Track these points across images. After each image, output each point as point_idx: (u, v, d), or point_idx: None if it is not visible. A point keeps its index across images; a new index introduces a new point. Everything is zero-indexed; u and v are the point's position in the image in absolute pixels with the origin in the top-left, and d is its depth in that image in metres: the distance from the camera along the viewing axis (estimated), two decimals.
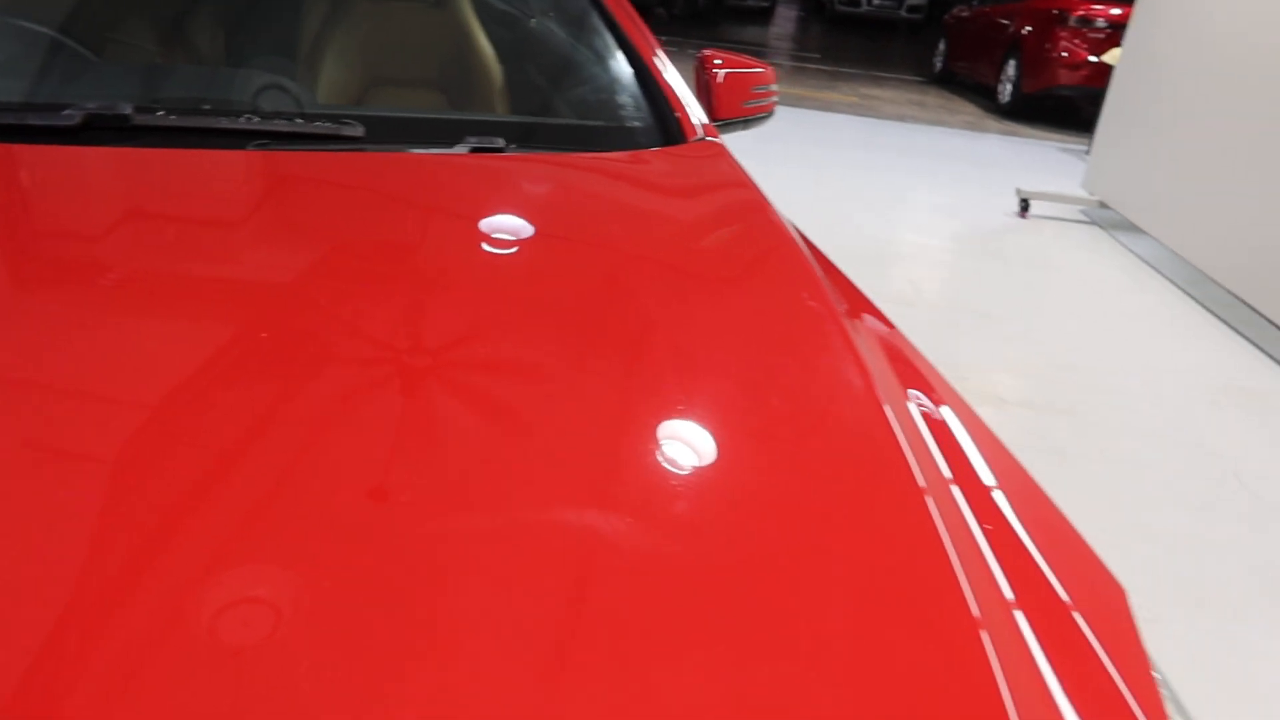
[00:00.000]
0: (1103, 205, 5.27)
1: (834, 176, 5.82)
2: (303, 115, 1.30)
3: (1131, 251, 4.84)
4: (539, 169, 1.27)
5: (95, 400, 0.70)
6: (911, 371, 1.07)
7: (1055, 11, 8.54)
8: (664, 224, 1.17)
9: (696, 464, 0.73)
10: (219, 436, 0.67)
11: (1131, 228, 5.02)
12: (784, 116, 7.62)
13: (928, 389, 1.04)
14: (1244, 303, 3.77)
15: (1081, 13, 8.38)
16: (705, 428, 0.78)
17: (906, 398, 0.96)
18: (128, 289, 0.84)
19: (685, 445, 0.76)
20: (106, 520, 0.59)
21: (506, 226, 1.08)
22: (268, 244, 0.96)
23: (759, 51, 12.84)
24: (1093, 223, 5.36)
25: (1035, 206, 5.44)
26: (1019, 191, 5.37)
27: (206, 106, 1.32)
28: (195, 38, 1.65)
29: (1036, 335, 3.52)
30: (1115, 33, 7.91)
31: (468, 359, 0.83)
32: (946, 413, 0.99)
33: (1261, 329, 3.74)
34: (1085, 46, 8.32)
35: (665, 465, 0.72)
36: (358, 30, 1.71)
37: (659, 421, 0.78)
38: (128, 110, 1.15)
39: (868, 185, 5.69)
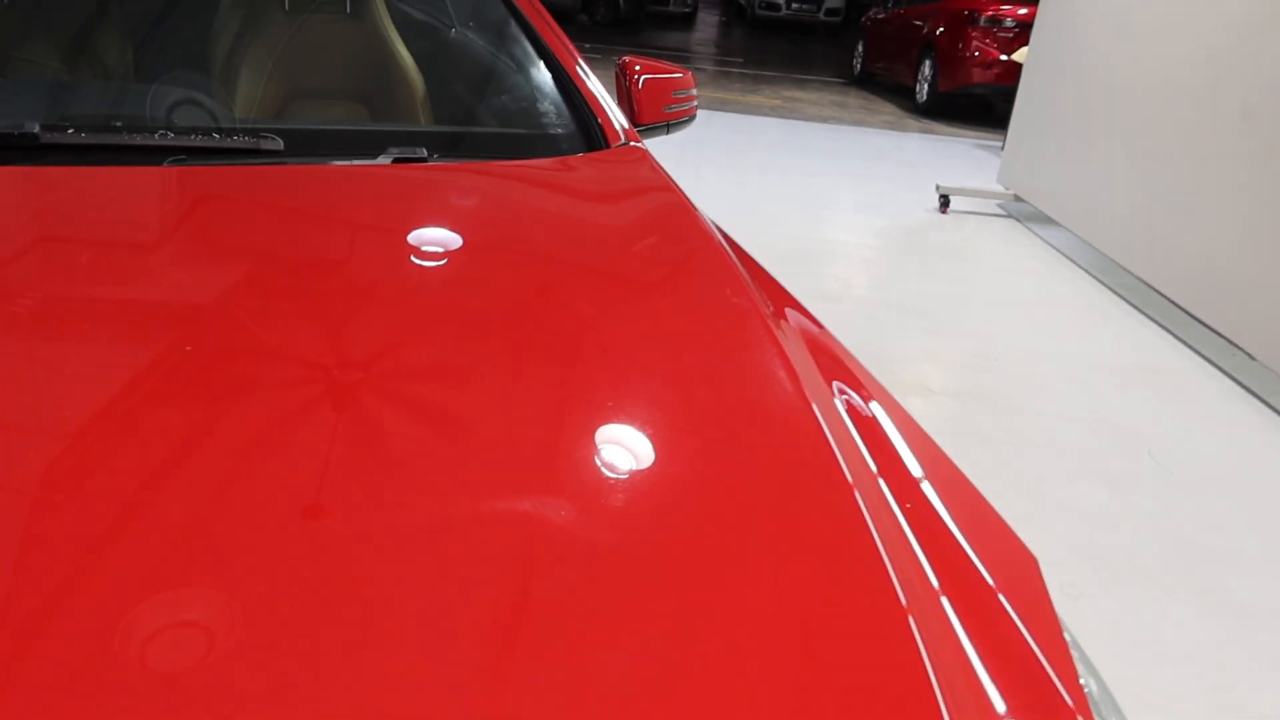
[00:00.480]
0: (1017, 199, 5.45)
1: (760, 179, 5.91)
2: (219, 130, 1.29)
3: (1046, 242, 5.01)
4: (464, 178, 1.28)
5: (12, 430, 0.68)
6: (836, 365, 1.11)
7: (966, 12, 8.81)
8: (590, 230, 1.19)
9: (630, 465, 0.75)
10: (146, 461, 0.65)
11: (1045, 219, 5.20)
12: (709, 121, 7.70)
13: (852, 381, 1.08)
14: (1150, 287, 3.94)
15: (991, 13, 8.65)
16: (636, 429, 0.80)
17: (831, 391, 1.00)
18: (43, 311, 0.82)
19: (618, 448, 0.77)
20: (31, 547, 0.58)
21: (433, 238, 1.08)
22: (187, 262, 0.94)
23: (683, 56, 12.96)
24: (1009, 215, 5.54)
25: (955, 202, 5.60)
26: (939, 188, 5.52)
27: (118, 123, 1.30)
28: (104, 55, 1.61)
29: (959, 326, 3.63)
30: (1024, 32, 8.19)
31: (399, 372, 0.83)
32: (869, 403, 1.03)
33: (1168, 311, 3.92)
34: (996, 46, 8.59)
35: (600, 469, 0.74)
36: (273, 44, 1.70)
37: (591, 427, 0.79)
38: (35, 129, 1.12)
39: (793, 186, 5.79)
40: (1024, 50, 5.79)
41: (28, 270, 0.89)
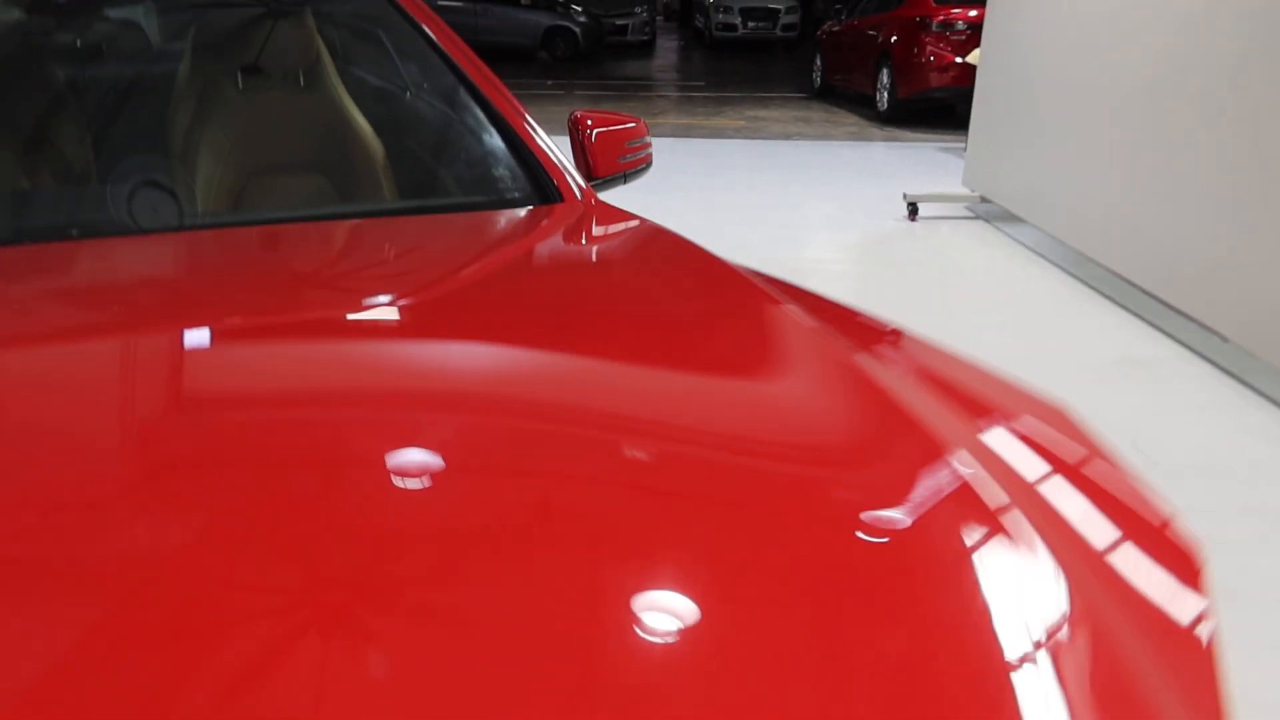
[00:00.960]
0: (984, 199, 5.51)
1: (728, 201, 5.97)
2: (178, 228, 1.30)
3: (1016, 240, 5.07)
4: (441, 251, 1.26)
5: None
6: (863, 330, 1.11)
7: (918, 19, 8.94)
8: (606, 283, 1.18)
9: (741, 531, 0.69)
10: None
11: (1013, 218, 5.26)
12: (674, 148, 7.77)
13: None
14: (1120, 277, 3.99)
15: (942, 18, 8.79)
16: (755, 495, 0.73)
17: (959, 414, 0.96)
18: None
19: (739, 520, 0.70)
20: None
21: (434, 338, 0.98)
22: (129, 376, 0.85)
23: (645, 85, 13.08)
24: (977, 217, 5.60)
25: (923, 208, 5.66)
26: (906, 196, 5.58)
27: (74, 231, 1.31)
28: (62, 147, 1.63)
29: (935, 333, 3.65)
30: (976, 33, 8.30)
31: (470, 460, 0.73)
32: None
33: (1141, 300, 3.96)
34: (950, 49, 8.72)
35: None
36: (230, 125, 1.72)
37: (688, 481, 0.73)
38: None
39: (762, 206, 5.84)
40: (976, 52, 5.88)
41: None
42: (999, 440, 0.91)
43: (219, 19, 1.85)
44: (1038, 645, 0.63)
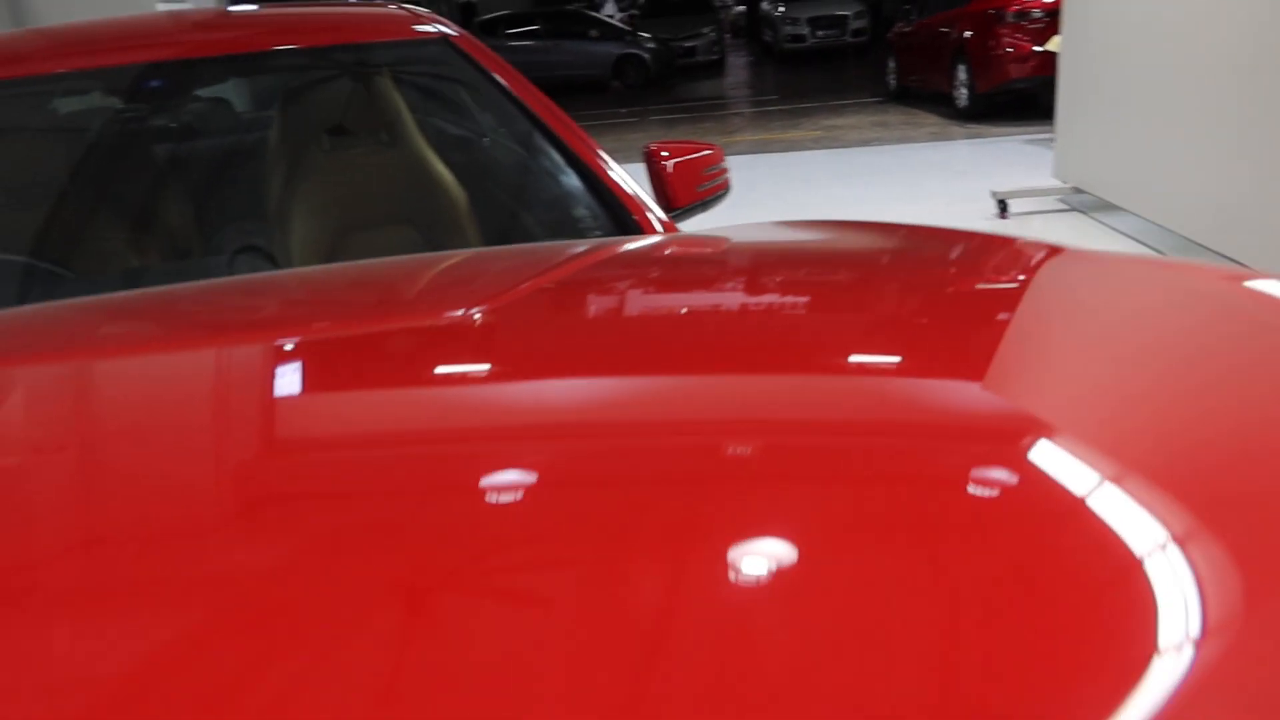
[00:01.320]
0: (1077, 190, 5.31)
1: (812, 214, 5.90)
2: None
3: (1115, 230, 4.86)
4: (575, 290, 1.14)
5: None
6: None
7: (992, 11, 8.73)
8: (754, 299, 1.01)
9: None
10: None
11: (1110, 207, 5.05)
12: (754, 164, 7.75)
13: None
14: (1233, 261, 3.78)
15: (1017, 8, 8.56)
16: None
17: None
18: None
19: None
20: None
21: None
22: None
23: (718, 104, 13.10)
24: (1072, 209, 5.40)
25: (1014, 204, 5.49)
26: (994, 193, 5.42)
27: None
28: (167, 220, 1.71)
29: None
30: (1053, 20, 8.06)
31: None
32: None
33: None
34: (1028, 38, 8.47)
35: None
36: (321, 183, 1.78)
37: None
38: None
39: (847, 215, 5.76)
40: (1056, 39, 5.69)
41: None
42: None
43: (301, 87, 1.93)
44: None
